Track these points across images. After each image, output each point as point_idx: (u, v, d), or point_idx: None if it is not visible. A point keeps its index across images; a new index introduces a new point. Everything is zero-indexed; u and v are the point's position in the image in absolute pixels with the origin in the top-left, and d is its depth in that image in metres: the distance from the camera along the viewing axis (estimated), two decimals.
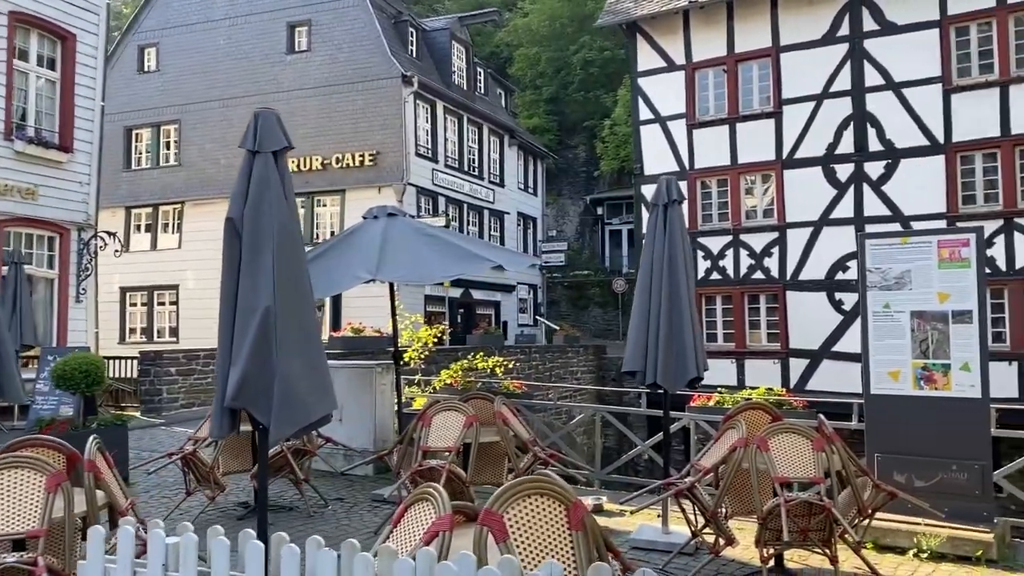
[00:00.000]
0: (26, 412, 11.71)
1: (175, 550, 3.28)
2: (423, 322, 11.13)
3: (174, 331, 26.20)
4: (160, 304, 26.73)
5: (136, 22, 28.37)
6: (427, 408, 6.73)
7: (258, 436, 4.37)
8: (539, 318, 31.31)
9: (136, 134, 27.72)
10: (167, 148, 27.25)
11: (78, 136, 14.78)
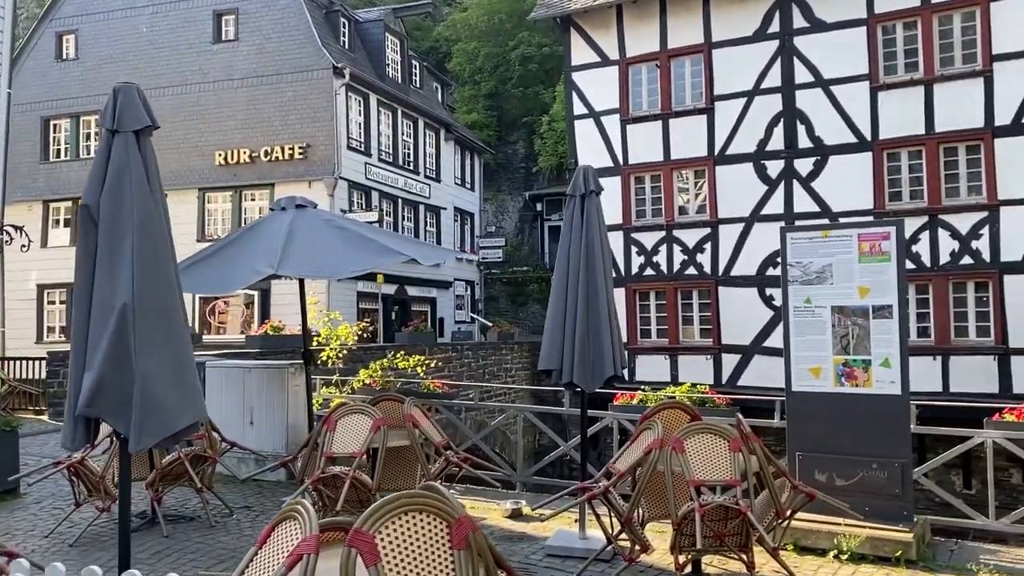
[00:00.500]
0: None
1: None
2: (341, 319, 10.69)
3: None
4: None
5: (54, 8, 27.05)
6: (332, 411, 6.35)
7: (119, 447, 3.93)
8: (472, 315, 30.94)
9: (54, 125, 26.47)
10: (88, 140, 26.11)
11: None
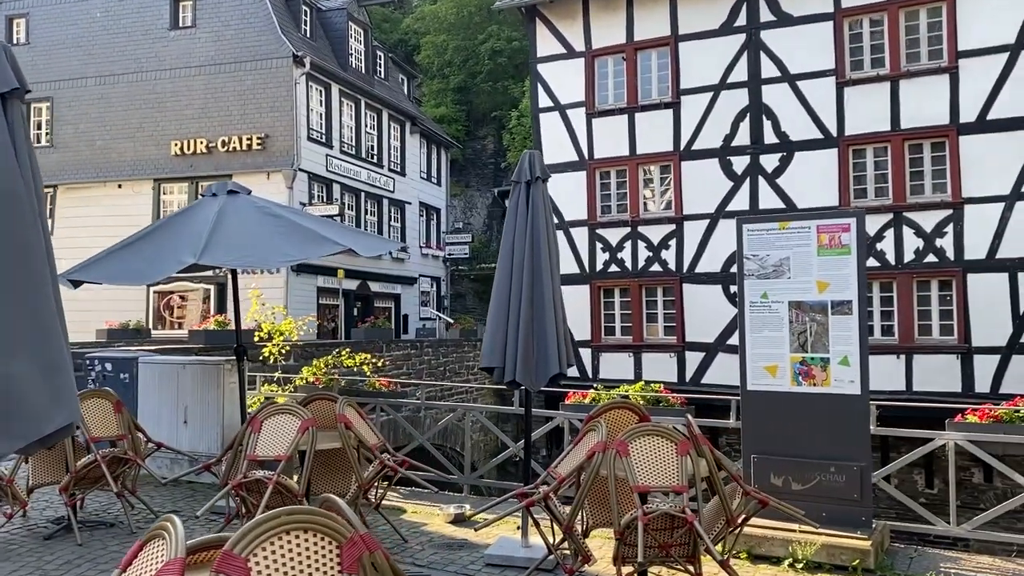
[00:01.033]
0: None
1: None
2: (285, 313, 10.23)
3: None
4: None
5: None
6: (258, 411, 5.92)
7: None
8: (433, 311, 30.45)
9: None
10: (38, 128, 25.25)
11: None
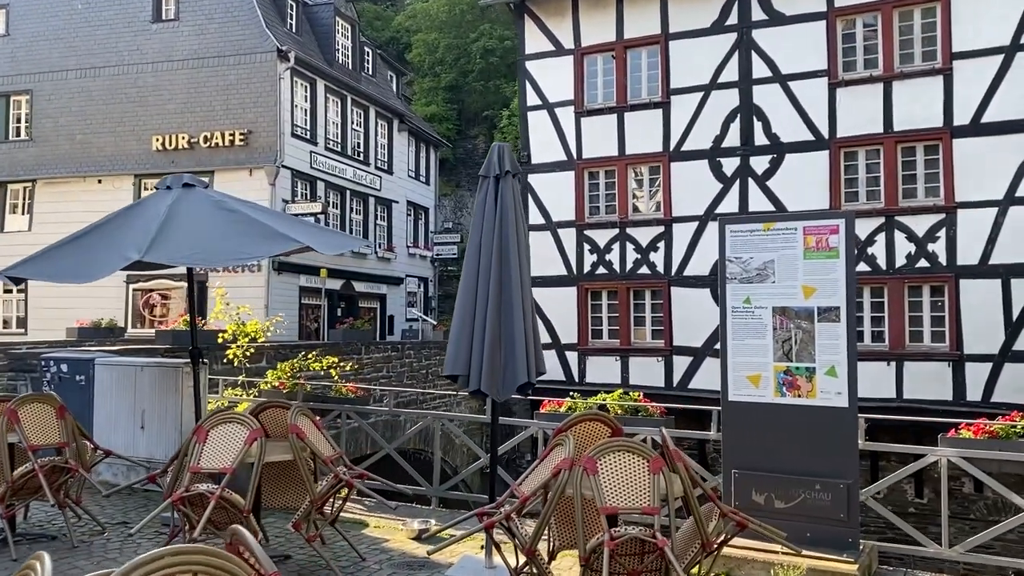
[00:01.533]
0: None
1: None
2: (251, 314, 9.83)
3: (22, 322, 23.85)
4: (7, 292, 24.27)
5: None
6: (205, 420, 5.53)
7: None
8: (420, 312, 30.00)
9: None
10: (17, 121, 24.76)
11: None
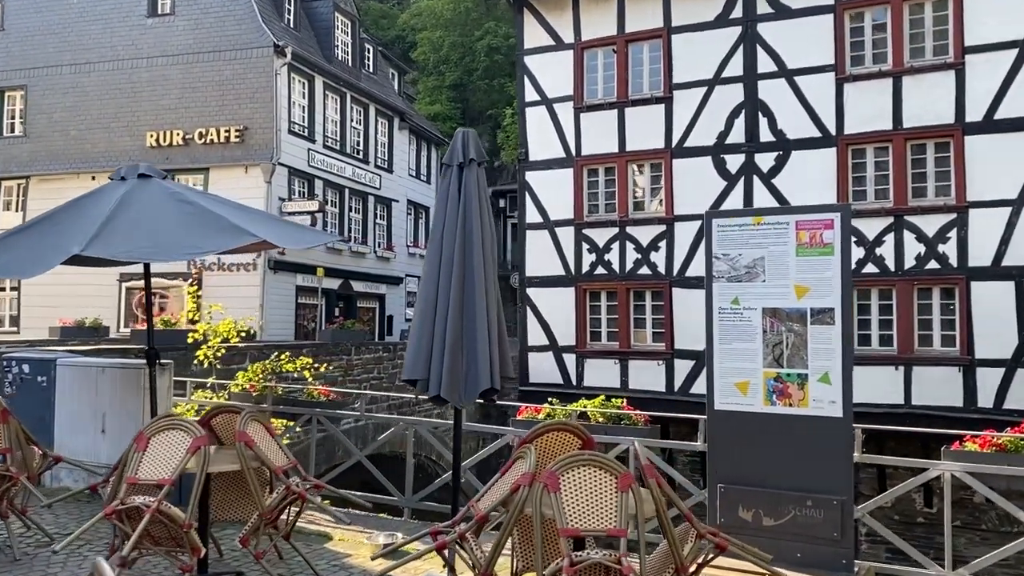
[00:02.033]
0: None
1: None
2: (224, 312, 9.45)
3: (15, 320, 23.58)
4: (0, 290, 24.03)
5: None
6: (146, 426, 5.12)
7: None
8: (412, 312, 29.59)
9: None
10: (11, 116, 24.51)
11: None
